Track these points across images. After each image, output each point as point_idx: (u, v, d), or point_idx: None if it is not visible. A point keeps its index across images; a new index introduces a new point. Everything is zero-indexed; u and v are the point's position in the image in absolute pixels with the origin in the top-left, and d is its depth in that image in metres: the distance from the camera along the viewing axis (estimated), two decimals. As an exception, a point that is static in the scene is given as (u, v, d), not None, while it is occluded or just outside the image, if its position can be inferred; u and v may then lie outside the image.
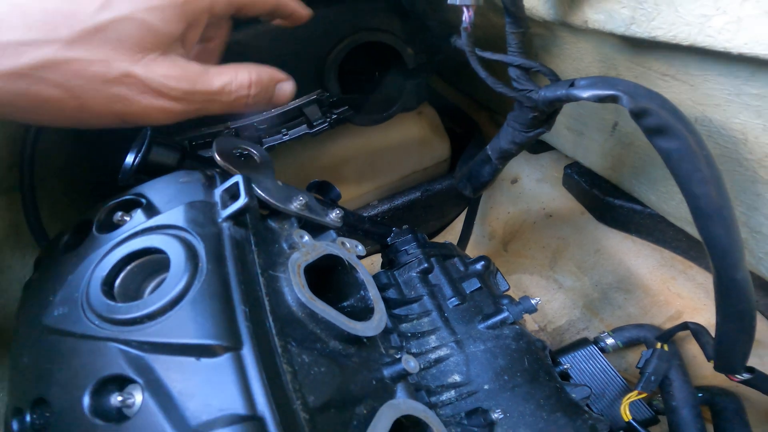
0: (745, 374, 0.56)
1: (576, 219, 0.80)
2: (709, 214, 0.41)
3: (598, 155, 0.66)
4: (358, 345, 0.38)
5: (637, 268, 0.73)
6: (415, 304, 0.62)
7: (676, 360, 0.68)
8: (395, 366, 0.38)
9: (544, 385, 0.59)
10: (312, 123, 0.62)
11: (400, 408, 0.35)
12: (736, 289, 0.44)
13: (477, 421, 0.52)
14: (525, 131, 0.52)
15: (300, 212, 0.41)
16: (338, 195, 0.61)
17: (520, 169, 0.88)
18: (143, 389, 0.23)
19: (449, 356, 0.58)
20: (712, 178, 0.41)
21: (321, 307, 0.33)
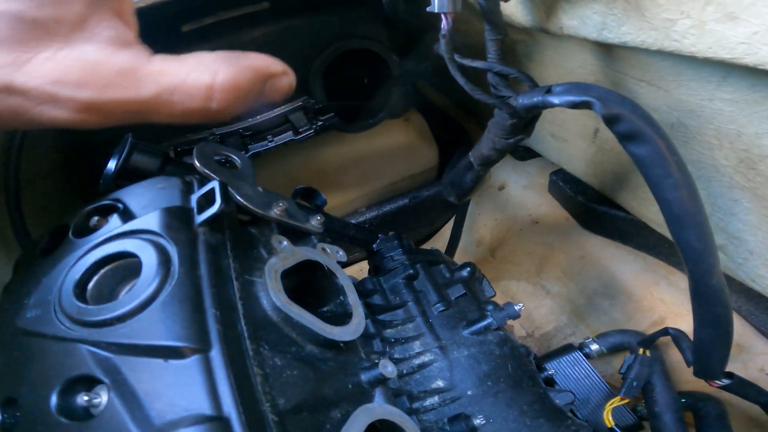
0: (725, 380, 0.56)
1: (562, 225, 0.80)
2: (682, 218, 0.42)
3: (581, 162, 0.67)
4: (336, 349, 0.38)
5: (621, 274, 0.74)
6: (400, 310, 0.62)
7: (659, 365, 0.68)
8: (372, 371, 0.38)
9: (527, 391, 0.59)
10: (298, 130, 0.63)
11: (374, 412, 0.35)
12: (711, 293, 0.45)
13: (459, 426, 0.52)
14: (505, 138, 0.53)
15: (280, 218, 0.41)
16: (324, 201, 0.61)
17: (507, 176, 0.89)
18: (109, 389, 0.23)
19: (433, 362, 0.58)
20: (683, 184, 0.41)
21: (297, 311, 0.33)
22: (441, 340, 0.60)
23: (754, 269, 0.54)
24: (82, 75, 0.27)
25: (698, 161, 0.50)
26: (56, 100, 0.26)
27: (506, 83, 0.50)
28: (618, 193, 0.64)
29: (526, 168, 0.88)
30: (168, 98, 0.28)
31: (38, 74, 0.26)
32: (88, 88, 0.27)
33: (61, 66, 0.26)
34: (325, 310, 0.43)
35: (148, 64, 0.28)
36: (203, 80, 0.28)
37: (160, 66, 0.28)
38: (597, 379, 0.72)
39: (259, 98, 0.33)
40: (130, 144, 0.42)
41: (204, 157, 0.41)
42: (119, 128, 0.31)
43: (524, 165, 0.88)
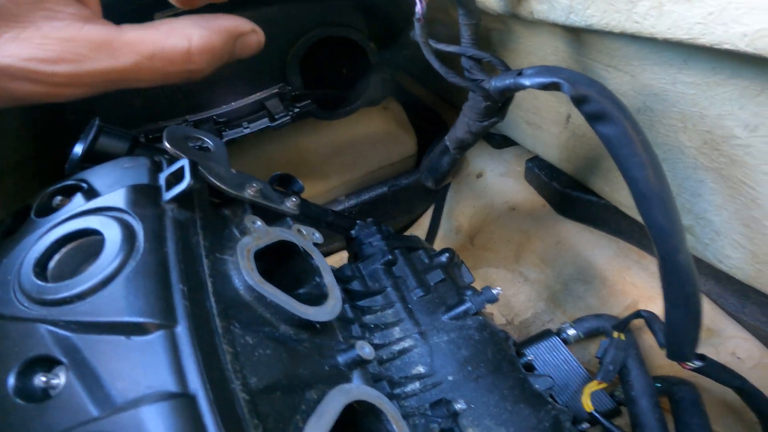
0: (697, 362, 0.57)
1: (538, 212, 0.82)
2: (648, 196, 0.43)
3: (555, 148, 0.68)
4: (312, 331, 0.38)
5: (595, 259, 0.75)
6: (379, 295, 0.62)
7: (633, 349, 0.69)
8: (349, 352, 0.38)
9: (507, 376, 0.60)
10: (274, 116, 0.62)
11: (352, 392, 0.35)
12: (678, 271, 0.46)
13: (441, 411, 0.52)
14: (479, 120, 0.54)
15: (254, 199, 0.41)
16: (301, 187, 0.61)
17: (484, 165, 0.90)
18: (68, 369, 0.23)
19: (413, 347, 0.58)
20: (649, 162, 0.42)
21: (270, 290, 0.33)
22: (421, 326, 0.60)
23: (720, 249, 0.55)
24: (57, 51, 0.27)
25: (664, 143, 0.51)
26: (32, 76, 0.27)
27: (480, 67, 0.51)
28: (590, 178, 0.66)
29: (503, 156, 0.89)
30: (148, 65, 0.29)
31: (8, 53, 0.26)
32: (66, 63, 0.27)
33: (32, 44, 0.27)
34: (301, 292, 0.42)
35: (122, 35, 0.29)
36: (180, 45, 0.30)
37: (135, 35, 0.29)
38: (575, 364, 0.72)
39: (231, 56, 0.34)
40: (96, 127, 0.41)
41: (174, 138, 0.40)
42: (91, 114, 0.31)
43: (501, 153, 0.89)
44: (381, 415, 0.34)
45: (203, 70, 0.32)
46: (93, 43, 0.28)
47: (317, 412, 0.30)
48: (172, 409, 0.22)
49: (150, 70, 0.29)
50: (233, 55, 0.35)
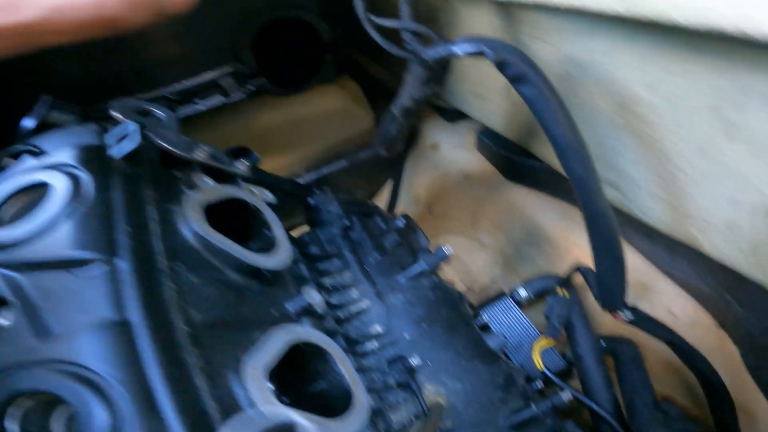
0: (628, 312, 0.61)
1: (489, 179, 0.87)
2: (567, 150, 0.48)
3: (499, 116, 0.72)
4: (262, 280, 0.40)
5: (542, 222, 0.80)
6: (337, 258, 0.65)
7: (577, 306, 0.72)
8: (297, 299, 0.40)
9: (462, 334, 0.63)
10: (228, 94, 0.64)
11: (295, 333, 0.36)
12: (598, 216, 0.51)
13: (398, 368, 0.56)
14: (420, 88, 0.58)
15: (203, 160, 0.43)
16: (256, 158, 0.63)
17: (439, 137, 0.95)
18: (14, 307, 0.25)
19: (370, 308, 0.61)
20: (565, 120, 0.47)
21: (217, 237, 0.36)
22: (378, 287, 0.63)
23: (642, 202, 0.61)
24: None
25: (584, 107, 0.56)
26: None
27: (417, 40, 0.54)
28: (531, 143, 0.71)
29: (456, 128, 0.94)
30: (58, 17, 0.29)
31: None
32: None
33: None
34: (252, 246, 0.45)
35: None
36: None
37: None
38: (527, 324, 0.76)
39: (159, 9, 0.35)
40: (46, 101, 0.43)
41: (123, 107, 0.42)
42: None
43: (455, 126, 0.94)
44: (326, 356, 0.36)
45: (125, 21, 0.32)
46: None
47: (258, 347, 0.32)
48: (108, 335, 0.24)
49: (60, 22, 0.29)
50: (161, 7, 0.35)
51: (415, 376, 0.57)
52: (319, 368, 0.38)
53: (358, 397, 0.35)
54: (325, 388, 0.37)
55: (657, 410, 0.64)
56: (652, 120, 0.50)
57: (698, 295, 0.70)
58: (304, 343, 0.37)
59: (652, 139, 0.51)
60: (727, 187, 0.47)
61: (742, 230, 0.49)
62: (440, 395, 0.58)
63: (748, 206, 0.47)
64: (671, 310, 0.72)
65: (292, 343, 0.33)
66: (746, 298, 0.65)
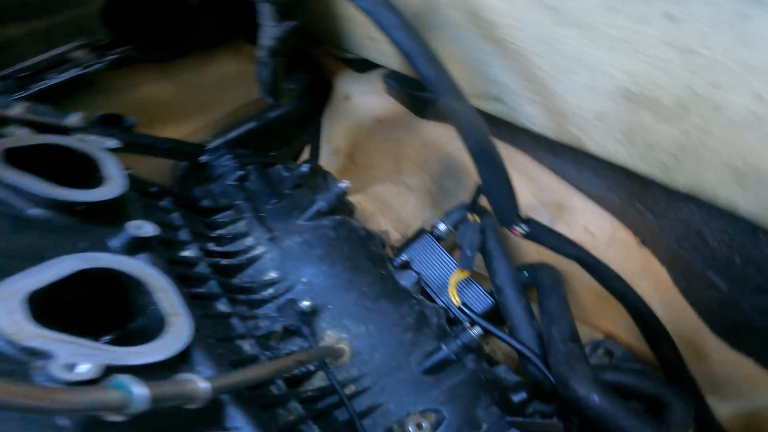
0: (523, 225, 0.58)
1: (402, 120, 0.84)
2: (412, 54, 0.45)
3: (392, 55, 0.70)
4: (76, 214, 0.37)
5: (455, 153, 0.78)
6: (230, 210, 0.63)
7: (493, 231, 0.68)
8: (122, 234, 0.38)
9: (367, 273, 0.60)
10: (84, 66, 0.62)
11: (92, 259, 0.33)
12: (460, 117, 0.47)
13: (287, 312, 0.53)
14: (276, 25, 0.55)
15: (21, 116, 0.41)
16: (131, 122, 0.61)
17: (350, 88, 0.94)
18: None
19: (264, 254, 0.59)
20: (404, 26, 0.45)
21: (11, 174, 0.34)
22: (273, 232, 0.61)
23: (524, 110, 0.58)
24: None
25: (449, 24, 0.54)
26: None
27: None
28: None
29: (366, 78, 0.92)
30: None
31: None
32: None
33: None
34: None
35: None
36: None
37: None
38: (448, 258, 0.72)
39: None
40: None
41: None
42: None
43: (365, 75, 0.92)
44: (143, 287, 0.35)
45: None
46: None
47: (35, 268, 0.30)
48: None
49: None
50: None
51: (313, 320, 0.55)
52: (139, 302, 0.36)
53: (172, 327, 0.34)
54: (144, 323, 0.35)
55: (574, 341, 0.59)
56: (500, 22, 0.47)
57: (612, 208, 0.68)
58: (125, 278, 0.36)
59: (506, 42, 0.49)
60: (581, 76, 0.44)
61: (610, 119, 0.47)
62: (343, 341, 0.55)
63: (606, 92, 0.44)
64: (588, 228, 0.70)
65: (76, 269, 0.31)
66: (656, 204, 0.63)
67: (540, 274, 0.68)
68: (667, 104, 0.40)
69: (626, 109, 0.44)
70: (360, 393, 0.52)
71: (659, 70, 0.38)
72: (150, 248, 0.40)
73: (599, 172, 0.65)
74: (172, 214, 0.54)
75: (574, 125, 0.52)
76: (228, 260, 0.56)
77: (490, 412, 0.52)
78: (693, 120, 0.40)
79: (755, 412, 0.58)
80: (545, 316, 0.63)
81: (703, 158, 0.43)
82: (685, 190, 0.50)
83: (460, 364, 0.56)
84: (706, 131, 0.40)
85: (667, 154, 0.45)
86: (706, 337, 0.61)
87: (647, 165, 0.49)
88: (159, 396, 0.23)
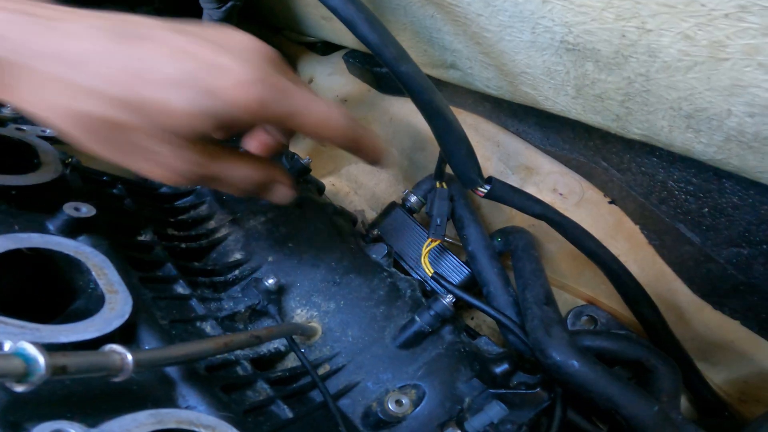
0: (486, 185, 0.56)
1: (366, 97, 0.83)
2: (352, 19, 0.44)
3: (349, 32, 0.68)
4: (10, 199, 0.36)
5: (422, 125, 0.75)
6: (191, 195, 0.62)
7: (462, 199, 0.67)
8: (59, 215, 0.36)
9: (334, 248, 0.59)
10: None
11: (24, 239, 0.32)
12: (407, 79, 0.46)
13: (251, 292, 0.52)
14: (217, 8, 0.54)
15: None
16: None
17: (312, 71, 0.93)
18: None
19: (227, 236, 0.58)
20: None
21: None
22: (236, 213, 0.60)
23: (479, 74, 0.57)
24: None
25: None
26: None
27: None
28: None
29: (329, 60, 0.92)
30: None
31: None
32: None
33: None
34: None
35: None
36: None
37: None
38: (421, 231, 0.71)
39: None
40: None
41: None
42: None
43: (327, 58, 0.92)
44: (79, 265, 0.34)
45: None
46: None
47: None
48: None
49: None
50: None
51: (281, 300, 0.54)
52: (80, 283, 0.36)
53: (109, 304, 0.33)
54: (86, 303, 0.35)
55: (549, 304, 0.56)
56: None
57: (579, 167, 0.67)
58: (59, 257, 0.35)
59: (450, 5, 0.47)
60: (524, 33, 0.43)
61: (558, 73, 0.46)
62: (313, 319, 0.55)
63: (548, 47, 0.43)
64: (557, 189, 0.69)
65: (6, 248, 0.31)
66: (619, 159, 0.62)
67: (512, 237, 0.67)
68: (606, 53, 0.39)
69: (570, 62, 0.43)
70: (335, 372, 0.51)
71: (592, 19, 0.37)
72: (92, 230, 0.40)
73: (561, 132, 0.64)
74: (125, 200, 0.53)
75: (527, 84, 0.51)
76: (188, 243, 0.55)
77: (472, 385, 0.51)
78: (632, 67, 0.39)
79: (749, 378, 0.57)
80: (520, 280, 0.61)
81: (650, 105, 0.42)
82: (643, 140, 0.49)
83: (437, 336, 0.54)
84: (648, 77, 0.39)
85: (617, 104, 0.44)
86: (686, 298, 0.60)
87: (601, 117, 0.49)
88: (71, 365, 0.22)
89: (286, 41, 0.97)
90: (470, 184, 0.56)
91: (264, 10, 0.89)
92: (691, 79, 0.36)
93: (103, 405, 0.29)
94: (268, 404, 0.43)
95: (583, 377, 0.46)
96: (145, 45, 0.28)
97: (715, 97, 0.37)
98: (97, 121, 0.27)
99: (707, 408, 0.59)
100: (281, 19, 0.85)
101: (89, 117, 0.27)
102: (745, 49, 0.33)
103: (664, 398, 0.49)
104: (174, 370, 0.34)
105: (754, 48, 0.32)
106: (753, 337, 0.55)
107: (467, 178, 0.56)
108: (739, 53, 0.33)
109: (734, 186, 0.50)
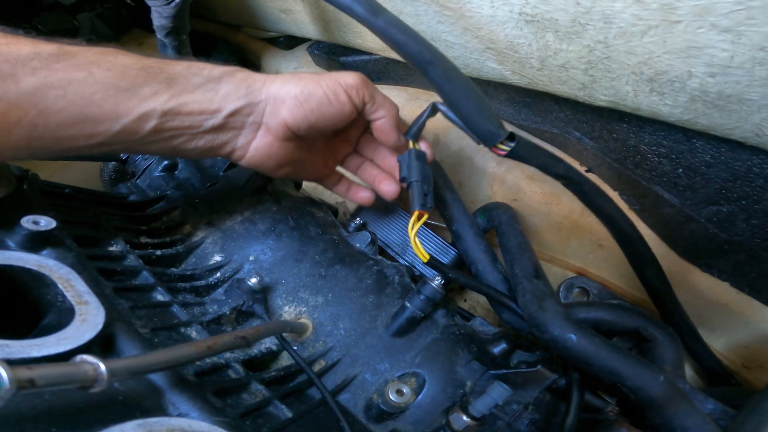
0: (510, 142, 0.47)
1: (333, 86, 0.82)
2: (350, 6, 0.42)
3: (310, 24, 0.66)
4: None
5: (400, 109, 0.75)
6: (162, 201, 0.59)
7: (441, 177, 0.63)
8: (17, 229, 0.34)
9: (317, 240, 0.58)
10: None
11: None
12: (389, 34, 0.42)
13: (234, 293, 0.50)
14: (167, 4, 0.52)
15: None
16: None
17: (278, 65, 0.91)
18: None
19: (204, 238, 0.56)
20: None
21: None
22: (211, 216, 0.57)
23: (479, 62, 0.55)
24: None
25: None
26: None
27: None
28: (346, 37, 0.65)
29: (293, 54, 0.90)
30: None
31: None
32: None
33: None
34: None
35: None
36: None
37: None
38: (402, 213, 0.69)
39: None
40: None
41: None
42: None
43: (292, 52, 0.90)
44: (44, 279, 0.32)
45: None
46: None
47: None
48: None
49: None
50: None
51: (267, 299, 0.52)
52: (48, 298, 0.33)
53: (80, 316, 0.31)
54: (57, 317, 0.33)
55: (538, 277, 0.54)
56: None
57: (553, 140, 0.68)
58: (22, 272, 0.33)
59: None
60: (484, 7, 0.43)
61: (522, 47, 0.46)
62: (302, 315, 0.53)
63: (509, 20, 0.43)
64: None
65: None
66: (590, 128, 0.62)
67: (495, 213, 0.65)
68: (564, 23, 0.39)
69: (531, 34, 0.42)
70: (331, 367, 0.50)
71: (546, -12, 0.36)
72: (57, 244, 0.37)
73: (532, 106, 0.64)
74: (89, 211, 0.50)
75: (492, 60, 0.50)
76: (163, 250, 0.52)
77: (472, 368, 0.50)
78: (591, 35, 0.39)
79: (749, 344, 0.56)
80: (507, 256, 0.59)
81: (613, 71, 0.42)
82: (611, 106, 0.50)
83: (431, 321, 0.53)
84: (607, 44, 0.39)
85: (581, 72, 0.44)
86: (674, 262, 0.60)
87: (568, 87, 0.49)
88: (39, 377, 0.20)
89: (246, 38, 0.94)
90: (490, 139, 0.47)
91: (219, 7, 0.86)
92: (648, 43, 0.36)
93: (87, 418, 0.27)
94: (265, 405, 0.42)
95: (583, 351, 0.44)
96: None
97: (674, 59, 0.37)
98: None
99: (714, 377, 0.58)
100: (241, 16, 0.82)
101: None
102: (696, 10, 0.33)
103: (667, 368, 0.48)
104: (160, 377, 0.33)
105: (704, 9, 0.32)
106: (745, 299, 0.54)
107: (485, 131, 0.46)
108: (691, 15, 0.33)
109: (705, 145, 0.49)
